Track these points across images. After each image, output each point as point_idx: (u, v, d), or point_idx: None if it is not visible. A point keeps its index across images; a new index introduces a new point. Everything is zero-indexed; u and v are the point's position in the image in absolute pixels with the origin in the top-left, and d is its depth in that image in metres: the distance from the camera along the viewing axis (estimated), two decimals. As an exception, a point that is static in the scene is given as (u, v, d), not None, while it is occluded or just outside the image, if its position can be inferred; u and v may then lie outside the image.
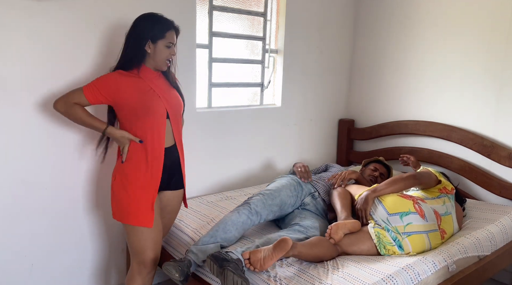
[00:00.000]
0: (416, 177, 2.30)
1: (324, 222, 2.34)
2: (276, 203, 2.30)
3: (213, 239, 2.03)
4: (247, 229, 2.17)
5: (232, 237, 2.08)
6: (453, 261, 2.02)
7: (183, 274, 1.85)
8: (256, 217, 2.19)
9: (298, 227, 2.17)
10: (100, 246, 2.44)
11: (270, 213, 2.26)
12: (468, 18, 2.87)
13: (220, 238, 2.04)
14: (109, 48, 2.26)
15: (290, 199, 2.37)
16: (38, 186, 2.16)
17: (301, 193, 2.44)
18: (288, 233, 2.09)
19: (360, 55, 3.54)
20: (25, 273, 2.19)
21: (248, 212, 2.17)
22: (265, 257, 1.78)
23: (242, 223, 2.13)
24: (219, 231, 2.07)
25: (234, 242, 2.11)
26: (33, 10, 2.00)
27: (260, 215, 2.21)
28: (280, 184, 2.43)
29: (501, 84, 2.75)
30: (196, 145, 2.72)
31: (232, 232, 2.08)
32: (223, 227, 2.08)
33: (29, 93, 2.06)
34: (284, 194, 2.36)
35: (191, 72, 2.61)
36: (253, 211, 2.19)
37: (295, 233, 2.09)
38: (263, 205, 2.24)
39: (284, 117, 3.21)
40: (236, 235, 2.10)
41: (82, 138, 2.25)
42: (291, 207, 2.38)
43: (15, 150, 2.07)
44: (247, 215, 2.16)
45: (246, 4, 2.94)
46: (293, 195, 2.39)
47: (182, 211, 2.37)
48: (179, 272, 1.84)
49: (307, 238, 2.05)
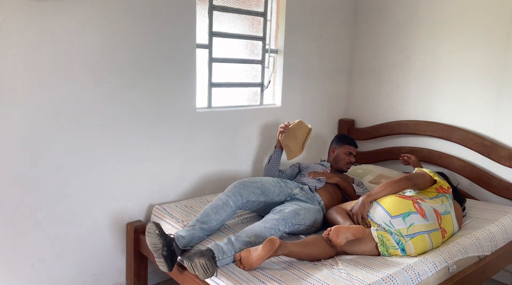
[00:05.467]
0: (409, 178, 2.29)
1: (315, 208, 2.33)
2: (257, 186, 2.31)
3: (192, 223, 2.10)
4: (230, 211, 2.18)
5: (212, 220, 2.12)
6: (454, 261, 2.02)
7: (163, 237, 1.94)
8: (235, 198, 2.20)
9: (273, 214, 2.16)
10: (100, 246, 2.43)
11: (251, 194, 2.26)
12: (468, 18, 2.87)
13: (200, 222, 2.11)
14: (110, 48, 2.26)
15: (273, 188, 2.38)
16: (38, 186, 2.16)
17: (286, 187, 2.45)
18: (264, 223, 2.08)
19: (360, 55, 3.54)
20: (25, 273, 2.19)
21: (225, 195, 2.21)
22: (254, 256, 1.81)
23: (222, 205, 2.17)
24: (198, 217, 2.13)
25: (218, 225, 2.15)
26: (33, 10, 2.00)
27: (241, 195, 2.22)
28: (260, 177, 2.50)
29: (501, 84, 2.75)
30: (196, 145, 2.72)
31: (211, 215, 2.13)
32: (202, 212, 2.15)
33: (29, 93, 2.06)
34: (265, 180, 2.40)
35: (191, 72, 2.61)
36: (231, 192, 2.22)
37: (271, 223, 2.08)
38: (242, 186, 2.27)
39: (284, 117, 3.21)
40: (218, 217, 2.14)
41: (82, 137, 2.25)
42: (278, 196, 2.37)
43: (15, 149, 2.07)
44: (225, 198, 2.20)
45: (246, 4, 2.94)
46: (276, 185, 2.41)
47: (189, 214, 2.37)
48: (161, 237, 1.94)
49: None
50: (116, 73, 2.31)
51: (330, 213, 2.30)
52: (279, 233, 2.08)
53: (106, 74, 2.27)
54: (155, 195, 2.59)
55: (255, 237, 1.98)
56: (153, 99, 2.47)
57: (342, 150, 2.82)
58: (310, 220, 2.24)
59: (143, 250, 2.41)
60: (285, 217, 2.11)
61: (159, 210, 2.46)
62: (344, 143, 2.84)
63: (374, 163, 3.41)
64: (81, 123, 2.23)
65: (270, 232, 2.03)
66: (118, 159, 2.40)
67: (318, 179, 2.61)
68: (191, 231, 2.06)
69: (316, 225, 2.31)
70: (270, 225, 2.06)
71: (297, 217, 2.16)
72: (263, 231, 2.01)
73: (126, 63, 2.33)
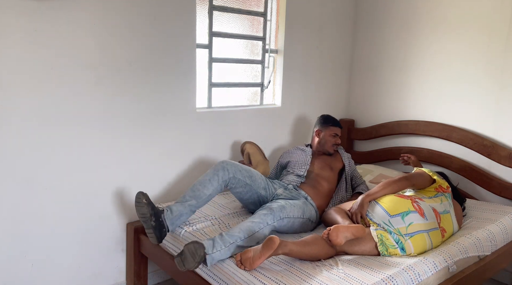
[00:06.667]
0: (408, 178, 2.29)
1: (301, 201, 2.34)
2: (245, 169, 2.36)
3: (181, 199, 2.17)
4: (216, 185, 2.24)
5: (201, 194, 2.19)
6: (454, 261, 2.01)
7: (150, 206, 2.03)
8: (223, 172, 2.26)
9: (260, 210, 2.18)
10: (100, 246, 2.43)
11: (238, 172, 2.30)
12: (468, 18, 2.87)
13: (188, 196, 2.18)
14: (109, 48, 2.26)
15: (260, 180, 2.41)
16: (38, 186, 2.16)
17: (272, 186, 2.48)
18: (253, 219, 2.08)
19: (360, 55, 3.54)
20: (25, 273, 2.19)
21: (213, 170, 2.27)
22: (254, 256, 1.81)
23: (209, 180, 2.22)
24: (187, 191, 2.21)
25: (205, 199, 2.21)
26: (33, 10, 2.00)
27: (228, 170, 2.27)
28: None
29: (501, 84, 2.75)
30: (196, 145, 2.72)
31: (199, 190, 2.19)
32: (191, 187, 2.22)
33: (28, 93, 2.06)
34: (254, 172, 2.43)
35: (191, 72, 2.61)
36: (219, 167, 2.27)
37: (259, 217, 2.09)
38: (231, 164, 2.31)
39: (284, 117, 3.21)
40: (205, 191, 2.20)
41: (82, 137, 2.25)
42: (263, 190, 2.40)
43: (15, 150, 2.07)
44: (213, 172, 2.25)
45: (246, 4, 2.94)
46: (263, 180, 2.44)
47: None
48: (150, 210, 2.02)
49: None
50: (116, 73, 2.31)
51: (329, 213, 2.30)
52: (268, 227, 2.08)
53: (106, 74, 2.27)
54: (155, 195, 2.59)
55: (244, 232, 1.99)
56: (153, 99, 2.47)
57: (327, 132, 2.74)
58: (298, 212, 2.25)
59: (143, 250, 2.41)
60: (272, 211, 2.13)
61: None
62: (329, 125, 2.76)
63: (374, 163, 3.40)
64: (81, 122, 2.23)
65: (259, 226, 2.04)
66: (118, 159, 2.40)
67: (298, 175, 2.60)
68: (180, 207, 2.14)
69: (307, 216, 2.31)
70: (258, 219, 2.07)
71: (283, 210, 2.17)
72: (252, 225, 2.02)
73: (126, 63, 2.33)
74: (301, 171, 2.61)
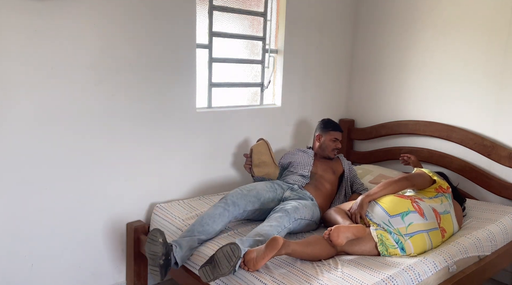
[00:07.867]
0: (408, 178, 2.30)
1: (310, 203, 2.34)
2: (253, 194, 2.31)
3: (190, 233, 2.07)
4: (227, 221, 2.18)
5: (210, 229, 2.10)
6: (454, 261, 2.02)
7: (165, 246, 1.90)
8: (233, 208, 2.20)
9: (275, 213, 2.17)
10: (100, 246, 2.43)
11: (248, 204, 2.26)
12: (468, 18, 2.87)
13: (197, 231, 2.07)
14: (110, 48, 2.25)
15: (267, 193, 2.38)
16: (38, 186, 2.16)
17: (279, 189, 2.46)
18: (269, 222, 2.08)
19: (360, 55, 3.54)
20: (25, 273, 2.19)
21: (224, 204, 2.19)
22: (257, 257, 1.80)
23: (219, 214, 2.14)
24: (196, 225, 2.11)
25: (214, 234, 2.13)
26: (33, 10, 2.00)
27: (238, 205, 2.22)
28: (254, 184, 2.47)
29: (501, 84, 2.75)
30: (196, 145, 2.72)
31: (209, 224, 2.10)
32: (199, 221, 2.12)
33: (29, 93, 2.06)
34: (259, 187, 2.39)
35: (191, 72, 2.61)
36: (229, 201, 2.20)
37: (275, 220, 2.08)
38: (240, 196, 2.25)
39: (284, 117, 3.21)
40: (215, 227, 2.11)
41: (82, 137, 2.25)
42: (272, 202, 2.38)
43: (15, 150, 2.06)
44: (223, 207, 2.17)
45: (246, 4, 2.94)
46: (269, 190, 2.41)
47: (189, 213, 2.37)
48: (162, 239, 1.90)
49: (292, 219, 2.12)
50: (116, 73, 2.31)
51: (329, 213, 2.30)
52: (285, 230, 2.09)
53: (106, 74, 2.27)
54: (155, 195, 2.59)
55: (264, 237, 1.99)
56: (153, 99, 2.47)
57: (327, 137, 2.75)
58: (309, 214, 2.27)
59: (143, 250, 2.41)
60: (287, 213, 2.14)
61: (160, 209, 2.46)
62: (329, 130, 2.77)
63: (374, 163, 3.40)
64: (81, 123, 2.23)
65: (277, 230, 2.05)
66: (118, 159, 2.40)
67: (303, 176, 2.60)
68: (190, 241, 2.04)
69: (314, 219, 2.32)
70: (276, 223, 2.07)
71: (298, 212, 2.19)
72: (271, 229, 2.03)
73: (126, 63, 2.33)
74: (304, 172, 2.62)
